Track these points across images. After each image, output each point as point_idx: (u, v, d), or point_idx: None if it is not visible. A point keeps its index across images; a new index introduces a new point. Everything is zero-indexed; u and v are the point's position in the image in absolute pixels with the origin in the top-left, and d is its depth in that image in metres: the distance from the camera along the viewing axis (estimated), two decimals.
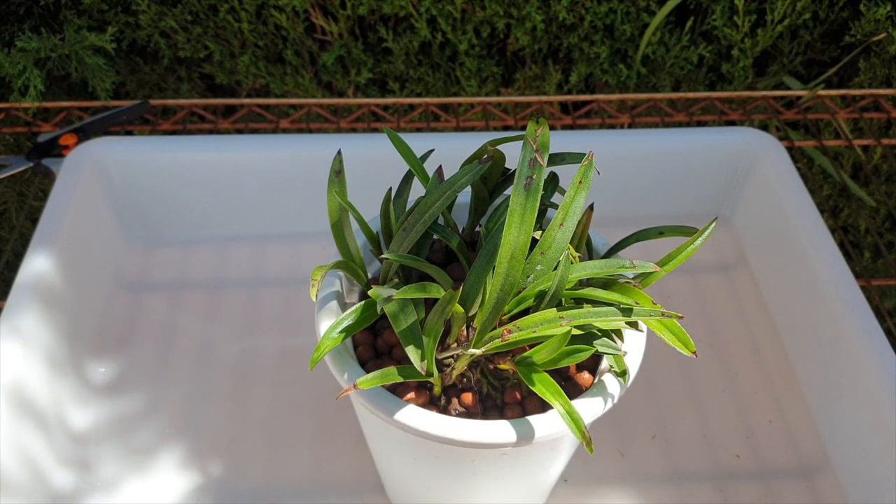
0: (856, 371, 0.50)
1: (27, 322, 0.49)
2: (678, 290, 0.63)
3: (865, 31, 0.85)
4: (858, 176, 0.94)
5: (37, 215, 0.58)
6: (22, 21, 0.85)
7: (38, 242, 0.54)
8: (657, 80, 0.91)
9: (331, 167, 0.39)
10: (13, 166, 0.67)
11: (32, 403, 0.48)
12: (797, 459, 0.52)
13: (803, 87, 0.88)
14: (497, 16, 0.86)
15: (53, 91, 0.89)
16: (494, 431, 0.33)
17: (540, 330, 0.32)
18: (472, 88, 0.92)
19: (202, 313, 0.60)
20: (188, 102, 0.77)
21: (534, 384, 0.33)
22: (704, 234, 0.37)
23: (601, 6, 0.84)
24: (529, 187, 0.33)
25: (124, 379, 0.55)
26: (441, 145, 0.47)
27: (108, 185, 0.61)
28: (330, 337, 0.35)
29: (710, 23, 0.86)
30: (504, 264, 0.33)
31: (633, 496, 0.50)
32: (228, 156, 0.62)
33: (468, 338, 0.34)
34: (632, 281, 0.36)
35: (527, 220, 0.33)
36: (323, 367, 0.37)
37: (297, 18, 0.87)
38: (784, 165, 0.62)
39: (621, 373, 0.36)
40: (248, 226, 0.65)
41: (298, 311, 0.60)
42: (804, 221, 0.57)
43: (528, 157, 0.33)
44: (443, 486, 0.40)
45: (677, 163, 0.65)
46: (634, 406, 0.54)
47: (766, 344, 0.59)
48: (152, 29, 0.87)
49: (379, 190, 0.40)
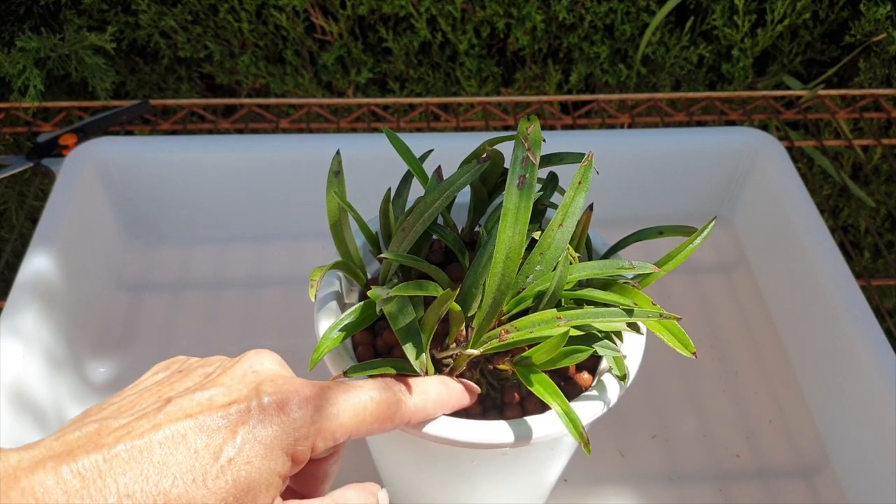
0: (856, 371, 0.50)
1: (27, 322, 0.49)
2: (678, 290, 0.63)
3: (865, 31, 0.85)
4: (858, 176, 0.94)
5: (37, 215, 0.58)
6: (22, 21, 0.85)
7: (38, 242, 0.54)
8: (657, 80, 0.90)
9: (330, 167, 0.39)
10: (13, 166, 0.67)
11: (32, 403, 0.48)
12: (797, 459, 0.52)
13: (803, 87, 0.88)
14: (497, 16, 0.86)
15: (53, 91, 0.89)
16: (494, 432, 0.33)
17: (537, 330, 0.32)
18: (472, 88, 0.92)
19: (202, 313, 0.60)
20: (188, 102, 0.77)
21: (532, 384, 0.33)
22: (703, 234, 0.37)
23: (601, 6, 0.84)
24: (522, 186, 0.33)
25: (124, 379, 0.55)
26: (440, 145, 0.47)
27: (108, 185, 0.61)
28: (329, 337, 0.35)
29: (710, 23, 0.86)
30: (500, 264, 0.33)
31: (633, 496, 0.50)
32: (228, 156, 0.62)
33: (467, 338, 0.34)
34: (631, 281, 0.36)
35: (521, 220, 0.32)
36: (323, 368, 0.37)
37: (297, 18, 0.87)
38: (784, 165, 0.62)
39: (621, 374, 0.36)
40: (248, 226, 0.65)
41: (298, 311, 0.60)
42: (804, 221, 0.57)
43: (521, 156, 0.33)
44: (443, 486, 0.40)
45: (677, 163, 0.64)
46: (634, 406, 0.54)
47: (766, 344, 0.59)
48: (152, 29, 0.87)
49: (378, 190, 0.40)
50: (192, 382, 0.28)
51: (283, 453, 0.27)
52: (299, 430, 0.27)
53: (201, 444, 0.25)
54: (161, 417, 0.26)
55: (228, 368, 0.29)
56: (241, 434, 0.26)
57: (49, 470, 0.23)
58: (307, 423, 0.27)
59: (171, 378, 0.29)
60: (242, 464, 0.25)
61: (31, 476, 0.23)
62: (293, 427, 0.27)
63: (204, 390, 0.27)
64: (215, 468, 0.25)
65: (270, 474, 0.26)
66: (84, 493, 0.23)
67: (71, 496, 0.23)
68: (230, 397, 0.27)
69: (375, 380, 0.31)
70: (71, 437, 0.25)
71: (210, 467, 0.25)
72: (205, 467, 0.25)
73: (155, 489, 0.24)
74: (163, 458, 0.24)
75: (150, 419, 0.26)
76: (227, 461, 0.25)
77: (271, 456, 0.26)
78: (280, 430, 0.27)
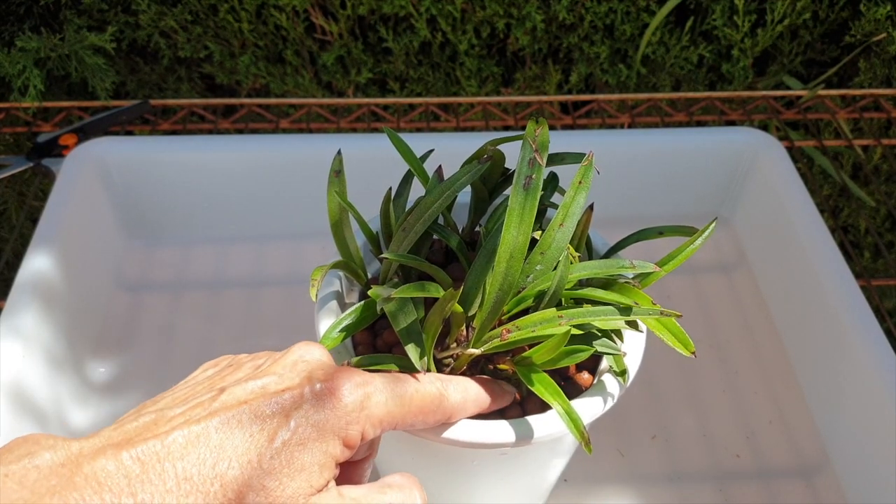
0: (856, 371, 0.50)
1: (27, 322, 0.49)
2: (678, 290, 0.63)
3: (865, 31, 0.85)
4: (858, 176, 0.94)
5: (37, 215, 0.58)
6: (22, 21, 0.85)
7: (38, 242, 0.54)
8: (657, 79, 0.91)
9: (331, 167, 0.39)
10: (13, 166, 0.67)
11: (32, 403, 0.48)
12: (797, 459, 0.52)
13: (803, 87, 0.88)
14: (497, 16, 0.86)
15: (53, 91, 0.89)
16: (494, 431, 0.33)
17: (539, 329, 0.32)
18: (472, 88, 0.92)
19: (202, 313, 0.60)
20: (188, 102, 0.77)
21: (533, 384, 0.33)
22: (704, 234, 0.37)
23: (601, 6, 0.84)
24: (528, 187, 0.33)
25: (124, 379, 0.55)
26: (441, 145, 0.47)
27: (108, 185, 0.61)
28: (330, 337, 0.35)
29: (710, 23, 0.86)
30: (503, 264, 0.33)
31: (633, 496, 0.50)
32: (229, 156, 0.62)
33: (468, 337, 0.34)
34: (631, 281, 0.36)
35: (526, 220, 0.33)
36: None
37: (297, 18, 0.87)
38: (784, 165, 0.62)
39: (621, 373, 0.36)
40: (248, 226, 0.65)
41: (298, 311, 0.60)
42: (804, 221, 0.57)
43: (528, 157, 0.33)
44: (443, 486, 0.40)
45: (677, 163, 0.64)
46: (634, 406, 0.54)
47: (766, 344, 0.59)
48: (152, 29, 0.87)
49: (379, 190, 0.40)
50: (244, 374, 0.29)
51: (336, 437, 0.27)
52: (350, 415, 0.28)
53: (256, 429, 0.26)
54: (216, 406, 0.26)
55: (279, 359, 0.30)
56: (294, 418, 0.27)
57: (110, 456, 0.24)
58: (357, 409, 0.28)
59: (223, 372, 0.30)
60: (296, 445, 0.26)
61: (93, 462, 0.24)
62: (345, 412, 0.28)
63: (257, 379, 0.28)
64: (270, 450, 0.26)
65: (324, 455, 0.27)
66: (144, 477, 0.24)
67: (132, 480, 0.23)
68: (283, 385, 0.28)
69: (426, 373, 0.32)
70: (129, 427, 0.26)
71: (265, 449, 0.26)
72: (260, 449, 0.26)
73: (212, 472, 0.25)
74: (219, 443, 0.25)
75: (205, 407, 0.26)
76: (281, 443, 0.26)
77: (324, 438, 0.27)
78: (332, 415, 0.27)
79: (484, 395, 0.33)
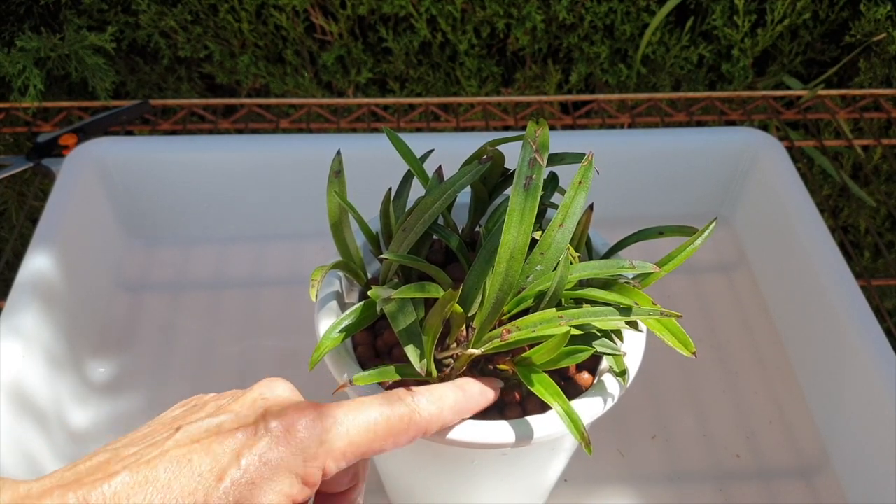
0: (856, 371, 0.50)
1: (27, 322, 0.49)
2: (678, 290, 0.63)
3: (865, 31, 0.85)
4: (858, 176, 0.94)
5: (37, 215, 0.58)
6: (22, 21, 0.85)
7: (38, 242, 0.54)
8: (657, 79, 0.91)
9: (330, 167, 0.39)
10: (13, 166, 0.67)
11: (32, 402, 0.48)
12: (797, 459, 0.52)
13: (803, 87, 0.88)
14: (497, 16, 0.86)
15: (53, 91, 0.89)
16: (494, 431, 0.33)
17: (539, 330, 0.32)
18: (472, 88, 0.92)
19: (202, 313, 0.60)
20: (188, 102, 0.77)
21: (533, 384, 0.33)
22: (704, 234, 0.37)
23: (601, 6, 0.84)
24: (529, 187, 0.33)
25: (124, 379, 0.55)
26: (441, 145, 0.47)
27: (108, 185, 0.61)
28: (329, 337, 0.35)
29: (710, 23, 0.86)
30: (503, 264, 0.33)
31: (633, 496, 0.50)
32: (228, 156, 0.62)
33: (468, 338, 0.34)
34: (631, 281, 0.36)
35: (526, 220, 0.33)
36: (323, 368, 0.37)
37: (297, 18, 0.87)
38: (784, 165, 0.62)
39: (621, 373, 0.36)
40: (248, 226, 0.65)
41: (298, 311, 0.60)
42: (804, 221, 0.57)
43: (528, 157, 0.33)
44: (443, 486, 0.40)
45: (677, 163, 0.65)
46: (634, 406, 0.54)
47: (766, 344, 0.59)
48: (152, 29, 0.87)
49: (379, 190, 0.40)
50: (205, 413, 0.29)
51: (292, 475, 0.27)
52: (307, 451, 0.27)
53: (206, 468, 0.26)
54: (169, 444, 0.26)
55: (239, 397, 0.29)
56: (245, 457, 0.26)
57: (56, 498, 0.24)
58: (316, 444, 0.28)
59: (187, 412, 0.30)
60: (246, 485, 0.26)
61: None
62: (300, 448, 0.27)
63: (213, 417, 0.28)
64: (219, 490, 0.25)
65: (278, 495, 0.27)
66: None
67: None
68: (238, 423, 0.27)
69: (386, 393, 0.31)
70: (81, 467, 0.25)
71: (213, 489, 0.25)
72: (207, 489, 0.25)
73: None
74: (167, 482, 0.25)
75: (158, 447, 0.26)
76: (230, 483, 0.26)
77: (277, 477, 0.27)
78: (287, 453, 0.27)
79: (462, 402, 0.33)
